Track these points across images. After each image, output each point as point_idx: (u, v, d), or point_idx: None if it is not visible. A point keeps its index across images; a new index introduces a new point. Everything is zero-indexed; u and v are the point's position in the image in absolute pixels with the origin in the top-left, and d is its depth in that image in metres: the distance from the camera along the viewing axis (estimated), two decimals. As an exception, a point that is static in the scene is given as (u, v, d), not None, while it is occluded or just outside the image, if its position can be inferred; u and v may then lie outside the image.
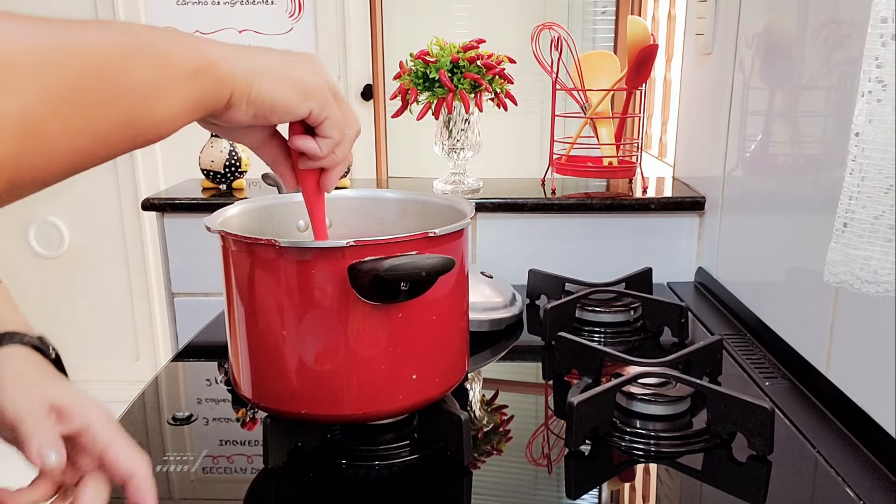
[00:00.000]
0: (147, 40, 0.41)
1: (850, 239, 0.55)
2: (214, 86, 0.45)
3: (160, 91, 0.41)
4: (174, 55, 0.42)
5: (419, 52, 1.18)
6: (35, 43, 0.35)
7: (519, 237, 1.24)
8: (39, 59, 0.35)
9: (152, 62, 0.41)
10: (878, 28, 0.52)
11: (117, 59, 0.39)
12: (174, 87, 0.42)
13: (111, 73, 0.38)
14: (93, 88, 0.37)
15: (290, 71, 0.49)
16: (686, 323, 0.94)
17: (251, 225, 0.76)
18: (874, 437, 0.67)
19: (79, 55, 0.37)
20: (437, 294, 0.63)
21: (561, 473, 0.67)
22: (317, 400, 0.63)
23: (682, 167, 1.38)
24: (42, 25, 0.36)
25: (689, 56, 1.33)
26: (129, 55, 0.39)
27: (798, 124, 0.89)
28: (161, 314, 2.52)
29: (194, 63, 0.43)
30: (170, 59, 0.42)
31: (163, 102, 0.41)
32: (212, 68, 0.44)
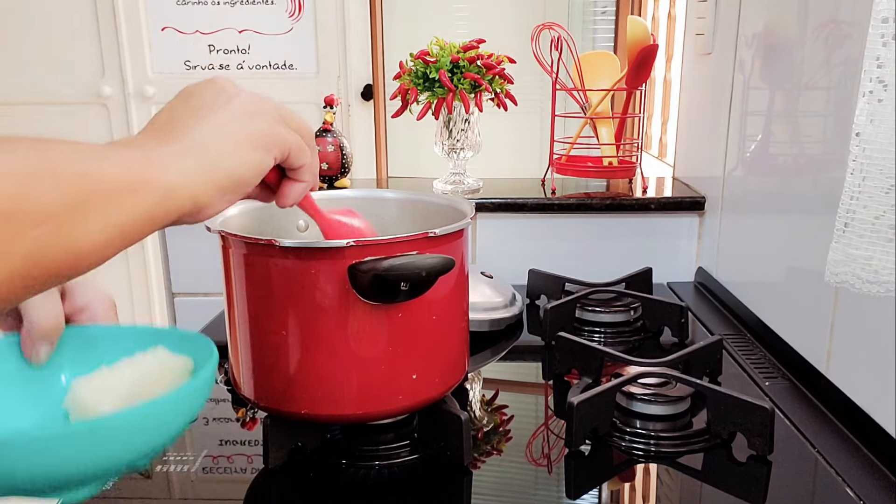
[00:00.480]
0: (60, 158, 0.34)
1: (851, 239, 0.55)
2: (164, 199, 0.39)
3: (81, 218, 0.35)
4: (100, 174, 0.36)
5: (419, 52, 1.18)
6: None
7: (519, 237, 1.24)
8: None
9: (70, 185, 0.34)
10: (879, 28, 0.52)
11: (20, 188, 0.32)
12: (102, 211, 0.35)
13: (10, 207, 0.32)
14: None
15: (240, 129, 0.44)
16: (686, 323, 0.94)
17: (251, 225, 0.76)
18: (874, 437, 0.67)
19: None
20: (437, 294, 0.63)
21: (561, 473, 0.67)
22: (317, 400, 0.63)
23: (682, 167, 1.38)
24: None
25: (689, 56, 1.33)
26: (39, 180, 0.33)
27: (798, 124, 0.89)
28: (161, 314, 2.52)
29: (126, 179, 0.37)
30: (95, 179, 0.35)
31: (86, 232, 0.35)
32: (153, 183, 0.38)
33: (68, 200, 0.34)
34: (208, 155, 0.42)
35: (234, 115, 0.44)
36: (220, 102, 0.44)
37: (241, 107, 0.45)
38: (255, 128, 0.45)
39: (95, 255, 0.36)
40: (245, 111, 0.45)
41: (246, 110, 0.45)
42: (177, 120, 0.43)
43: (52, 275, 0.35)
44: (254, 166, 0.45)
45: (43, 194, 0.33)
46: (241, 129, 0.44)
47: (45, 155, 0.34)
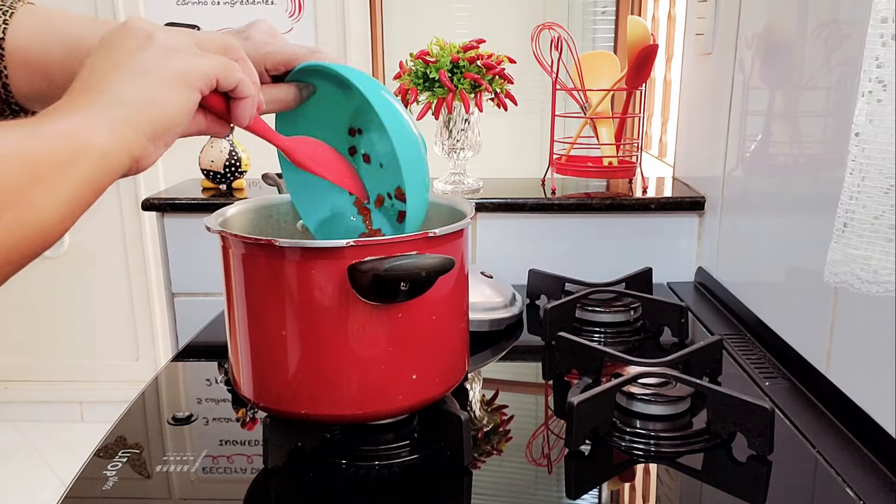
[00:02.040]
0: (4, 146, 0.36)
1: (851, 239, 0.55)
2: (101, 162, 0.41)
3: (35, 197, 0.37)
4: (38, 152, 0.38)
5: (419, 52, 1.18)
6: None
7: (519, 237, 1.24)
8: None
9: (10, 170, 0.36)
10: (879, 28, 0.53)
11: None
12: (49, 186, 0.38)
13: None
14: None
15: (159, 73, 0.45)
16: (686, 323, 0.94)
17: (251, 225, 0.76)
18: (874, 437, 0.67)
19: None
20: (437, 294, 0.63)
21: (561, 473, 0.67)
22: (317, 400, 0.63)
23: (682, 167, 1.38)
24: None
25: (689, 56, 1.33)
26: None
27: (798, 124, 0.89)
28: (161, 314, 2.53)
29: (63, 151, 0.39)
30: (30, 159, 0.37)
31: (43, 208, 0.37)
32: (87, 149, 0.40)
33: (17, 186, 0.36)
34: (133, 107, 0.43)
35: (151, 60, 0.45)
36: (134, 50, 0.45)
37: (155, 50, 0.45)
38: (174, 67, 0.45)
39: (57, 228, 0.39)
40: (160, 53, 0.45)
41: (160, 52, 0.45)
42: (98, 75, 0.44)
43: (26, 254, 0.38)
44: (180, 106, 0.45)
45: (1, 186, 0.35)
46: (159, 72, 0.44)
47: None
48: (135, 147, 0.43)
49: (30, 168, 0.37)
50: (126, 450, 0.69)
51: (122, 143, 0.42)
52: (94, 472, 0.66)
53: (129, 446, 0.70)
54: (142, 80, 0.44)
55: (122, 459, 0.67)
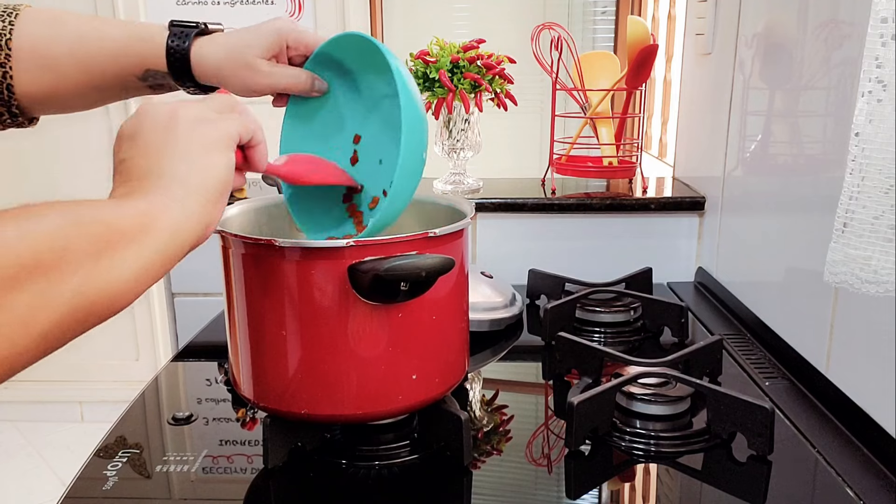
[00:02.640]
0: (85, 213, 0.39)
1: (850, 239, 0.55)
2: (175, 235, 0.44)
3: (109, 259, 0.40)
4: (115, 221, 0.41)
5: (419, 52, 1.18)
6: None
7: (519, 237, 1.24)
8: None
9: (94, 232, 0.39)
10: (879, 28, 0.53)
11: (57, 243, 0.37)
12: (125, 251, 0.41)
13: (50, 260, 0.36)
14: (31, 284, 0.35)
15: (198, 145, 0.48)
16: (686, 323, 0.94)
17: (251, 225, 0.76)
18: (874, 437, 0.67)
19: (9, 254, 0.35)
20: (437, 294, 0.63)
21: (561, 473, 0.67)
22: (317, 400, 0.63)
23: (682, 167, 1.38)
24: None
25: (689, 56, 1.33)
26: (68, 233, 0.38)
27: (798, 124, 0.89)
28: (161, 314, 2.52)
29: (139, 223, 0.42)
30: (110, 226, 0.40)
31: (115, 272, 0.40)
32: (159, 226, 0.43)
33: (96, 249, 0.39)
34: (191, 181, 0.46)
35: (184, 136, 0.48)
36: (164, 131, 0.48)
37: (184, 126, 0.48)
38: (207, 136, 0.48)
39: (128, 293, 0.41)
40: (188, 127, 0.48)
41: (189, 126, 0.48)
42: (143, 166, 0.47)
43: (92, 315, 0.39)
44: (225, 167, 0.49)
45: (76, 246, 0.38)
46: (197, 144, 0.48)
47: (71, 213, 0.39)
48: (204, 215, 0.47)
49: (105, 234, 0.40)
50: (126, 450, 0.69)
51: (192, 215, 0.46)
52: (94, 472, 0.66)
53: (129, 446, 0.70)
54: (188, 156, 0.47)
55: (122, 459, 0.67)
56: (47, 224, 0.37)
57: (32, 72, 0.63)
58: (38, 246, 0.36)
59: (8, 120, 0.66)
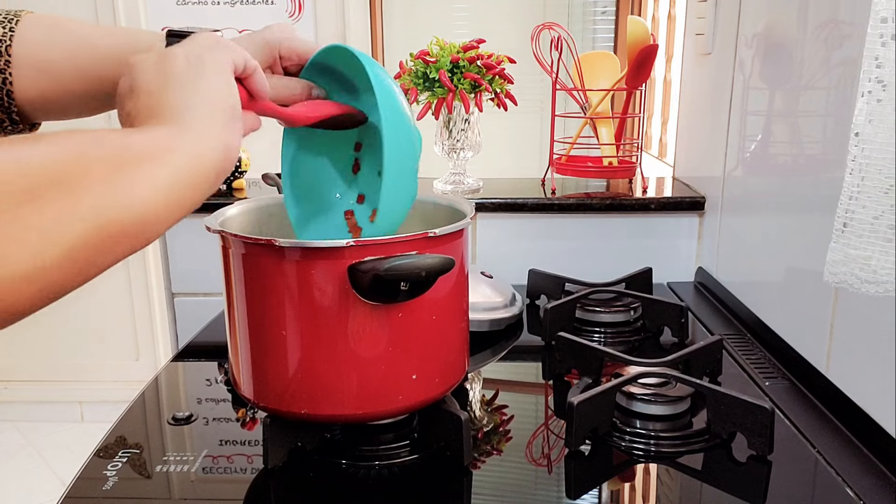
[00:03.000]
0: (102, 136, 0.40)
1: (850, 239, 0.55)
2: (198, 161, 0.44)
3: (129, 178, 0.39)
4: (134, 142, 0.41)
5: (419, 52, 1.18)
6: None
7: (519, 237, 1.24)
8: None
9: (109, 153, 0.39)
10: (878, 28, 0.53)
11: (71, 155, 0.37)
12: (142, 171, 0.40)
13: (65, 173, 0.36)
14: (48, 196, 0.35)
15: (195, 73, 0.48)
16: (686, 323, 0.94)
17: (251, 225, 0.76)
18: (874, 437, 0.67)
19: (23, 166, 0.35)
20: (437, 294, 0.63)
21: (561, 473, 0.67)
22: (317, 400, 0.63)
23: (682, 167, 1.38)
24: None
25: (689, 56, 1.33)
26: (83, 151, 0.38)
27: (798, 124, 0.89)
28: (161, 314, 2.52)
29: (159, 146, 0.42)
30: (128, 146, 0.40)
31: (139, 192, 0.40)
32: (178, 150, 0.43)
33: (116, 165, 0.39)
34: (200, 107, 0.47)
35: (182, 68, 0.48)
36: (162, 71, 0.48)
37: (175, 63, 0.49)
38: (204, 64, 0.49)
39: (158, 216, 0.41)
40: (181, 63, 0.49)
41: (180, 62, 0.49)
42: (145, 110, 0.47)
43: (125, 235, 0.39)
44: (226, 86, 0.49)
45: (96, 162, 0.38)
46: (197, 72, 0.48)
47: (92, 134, 0.39)
48: (221, 137, 0.46)
49: (127, 152, 0.40)
50: (126, 450, 0.69)
51: (210, 137, 0.46)
52: (94, 472, 0.66)
53: (129, 446, 0.70)
54: (191, 86, 0.47)
55: (122, 459, 0.67)
56: (68, 143, 0.38)
57: (32, 78, 0.63)
58: (59, 161, 0.36)
59: (9, 126, 0.66)
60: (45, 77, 0.63)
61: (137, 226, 0.40)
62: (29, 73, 0.63)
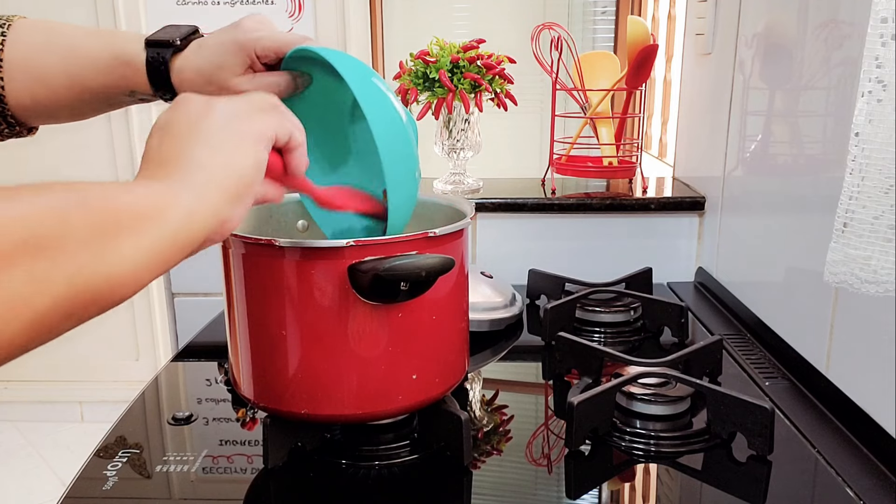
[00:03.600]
0: (90, 194, 0.37)
1: (850, 239, 0.55)
2: (188, 222, 0.42)
3: (112, 245, 0.37)
4: (124, 203, 0.39)
5: (419, 52, 1.18)
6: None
7: (519, 237, 1.24)
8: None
9: (97, 214, 0.37)
10: (879, 28, 0.53)
11: (53, 221, 0.35)
12: (130, 237, 0.38)
13: (46, 239, 0.34)
14: (25, 263, 0.33)
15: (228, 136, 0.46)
16: (686, 323, 0.94)
17: (251, 225, 0.76)
18: (874, 437, 0.67)
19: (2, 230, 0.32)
20: (437, 294, 0.63)
21: (561, 473, 0.67)
22: (317, 400, 0.63)
23: (682, 167, 1.38)
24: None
25: (689, 56, 1.33)
26: (69, 213, 0.35)
27: (798, 124, 0.89)
28: (161, 314, 2.53)
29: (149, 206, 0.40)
30: (119, 207, 0.38)
31: (118, 258, 0.37)
32: (174, 208, 0.41)
33: (100, 230, 0.37)
34: (214, 171, 0.44)
35: (217, 126, 0.46)
36: (198, 119, 0.46)
37: (218, 117, 0.47)
38: (240, 129, 0.47)
39: (131, 282, 0.39)
40: (223, 119, 0.47)
41: (223, 118, 0.47)
42: (170, 149, 0.45)
43: (92, 302, 0.37)
44: (253, 163, 0.47)
45: (78, 226, 0.36)
46: (229, 135, 0.46)
47: (77, 193, 0.37)
48: (221, 208, 0.44)
49: (115, 215, 0.38)
50: (126, 450, 0.69)
51: (209, 205, 0.43)
52: (94, 472, 0.66)
53: (129, 446, 0.70)
54: (215, 146, 0.45)
55: (122, 459, 0.67)
56: (49, 202, 0.35)
57: (24, 83, 0.62)
58: (37, 224, 0.34)
59: (6, 130, 0.66)
60: (37, 84, 0.62)
61: (111, 291, 0.38)
62: (21, 79, 0.62)
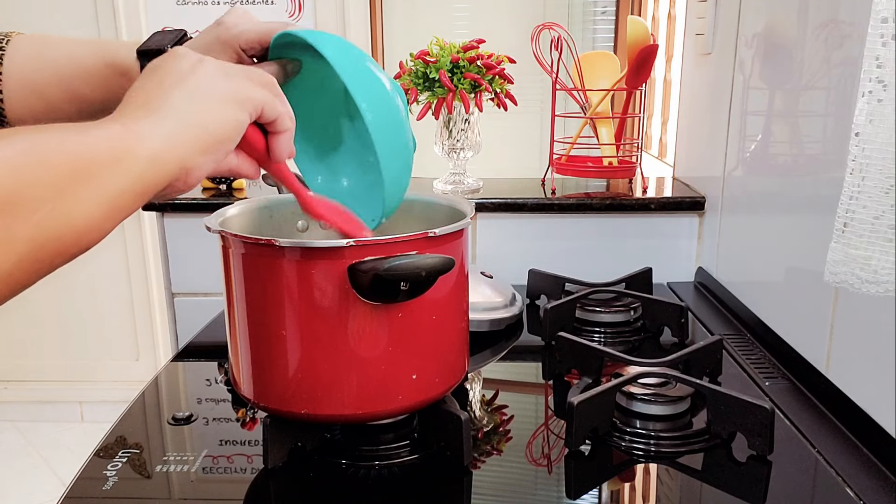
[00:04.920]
0: (47, 146, 0.36)
1: (851, 239, 0.55)
2: (150, 167, 0.41)
3: (73, 196, 0.36)
4: (82, 153, 0.37)
5: (419, 52, 1.18)
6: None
7: (519, 237, 1.24)
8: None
9: (55, 168, 0.36)
10: (879, 28, 0.53)
11: (10, 179, 0.34)
12: (91, 187, 0.37)
13: (5, 198, 0.33)
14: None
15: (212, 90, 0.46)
16: (686, 323, 0.94)
17: (251, 225, 0.76)
18: (874, 437, 0.67)
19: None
20: (437, 294, 0.63)
21: (561, 473, 0.67)
22: (317, 400, 0.63)
23: (682, 167, 1.38)
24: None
25: (689, 56, 1.33)
26: (26, 169, 0.34)
27: (798, 124, 0.89)
28: (161, 314, 2.52)
29: (110, 154, 0.38)
30: (78, 158, 0.37)
31: (80, 208, 0.37)
32: (134, 153, 0.40)
33: (60, 182, 0.36)
34: (186, 118, 0.43)
35: (203, 78, 0.46)
36: (186, 70, 0.46)
37: (208, 71, 0.46)
38: (226, 87, 0.46)
39: (95, 230, 0.38)
40: (212, 74, 0.46)
41: (213, 73, 0.46)
42: (149, 93, 0.44)
43: (58, 254, 0.37)
44: (231, 122, 0.46)
45: (37, 180, 0.35)
46: (212, 90, 0.46)
47: (34, 144, 0.36)
48: (187, 156, 0.43)
49: (73, 165, 0.37)
50: (126, 450, 0.69)
51: (175, 152, 0.42)
52: (94, 472, 0.66)
53: (129, 446, 0.70)
54: (196, 97, 0.45)
55: (122, 459, 0.67)
56: (6, 156, 0.34)
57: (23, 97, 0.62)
58: (9, 174, 0.33)
59: None
60: (35, 96, 0.62)
61: (76, 241, 0.38)
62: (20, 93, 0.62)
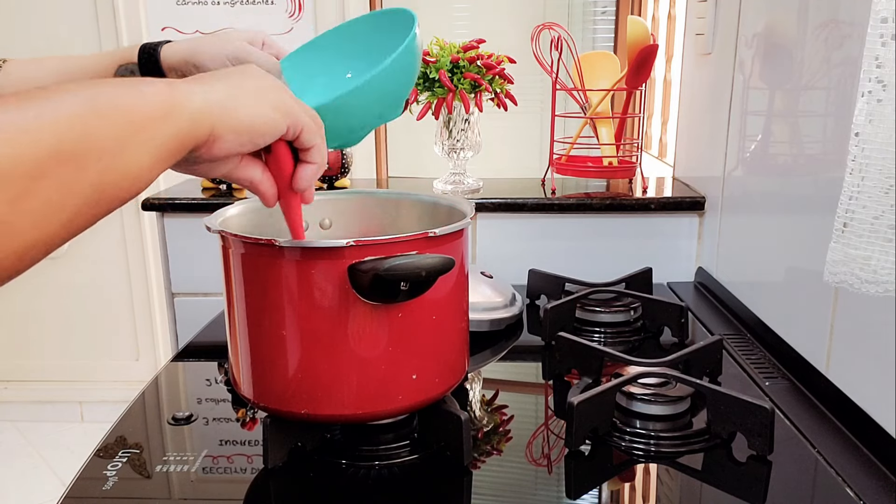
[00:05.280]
0: (105, 99, 0.40)
1: (850, 239, 0.55)
2: (190, 124, 0.45)
3: (130, 147, 0.40)
4: (137, 106, 0.41)
5: (419, 52, 1.18)
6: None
7: (519, 237, 1.24)
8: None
9: (115, 120, 0.40)
10: (879, 28, 0.53)
11: (78, 131, 0.37)
12: (144, 138, 0.41)
13: (73, 149, 0.37)
14: (56, 171, 0.36)
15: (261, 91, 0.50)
16: (686, 323, 0.94)
17: (251, 225, 0.76)
18: (874, 437, 0.67)
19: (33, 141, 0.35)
20: (437, 294, 0.63)
21: (561, 473, 0.67)
22: (317, 400, 0.63)
23: (682, 167, 1.38)
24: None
25: (689, 56, 1.33)
26: (89, 121, 0.38)
27: (798, 124, 0.89)
28: (161, 314, 2.52)
29: (160, 108, 0.42)
30: (134, 111, 0.41)
31: (135, 157, 0.41)
32: (180, 108, 0.44)
33: (118, 134, 0.39)
34: (231, 99, 0.47)
35: (258, 82, 0.50)
36: (249, 73, 0.51)
37: (268, 82, 0.51)
38: (277, 97, 0.51)
39: (144, 179, 0.42)
40: (271, 86, 0.51)
41: (272, 85, 0.51)
42: (205, 76, 0.49)
43: (114, 199, 0.40)
44: (269, 119, 0.50)
45: (99, 133, 0.38)
46: (264, 92, 0.50)
47: (93, 98, 0.39)
48: (218, 123, 0.47)
49: (129, 118, 0.40)
50: (126, 450, 0.69)
51: (210, 115, 0.46)
52: (94, 472, 0.66)
53: (129, 446, 0.70)
54: (247, 88, 0.49)
55: (122, 459, 0.67)
56: (71, 109, 0.37)
57: None
58: (65, 131, 0.36)
59: None
60: None
61: (130, 187, 0.41)
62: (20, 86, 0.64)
